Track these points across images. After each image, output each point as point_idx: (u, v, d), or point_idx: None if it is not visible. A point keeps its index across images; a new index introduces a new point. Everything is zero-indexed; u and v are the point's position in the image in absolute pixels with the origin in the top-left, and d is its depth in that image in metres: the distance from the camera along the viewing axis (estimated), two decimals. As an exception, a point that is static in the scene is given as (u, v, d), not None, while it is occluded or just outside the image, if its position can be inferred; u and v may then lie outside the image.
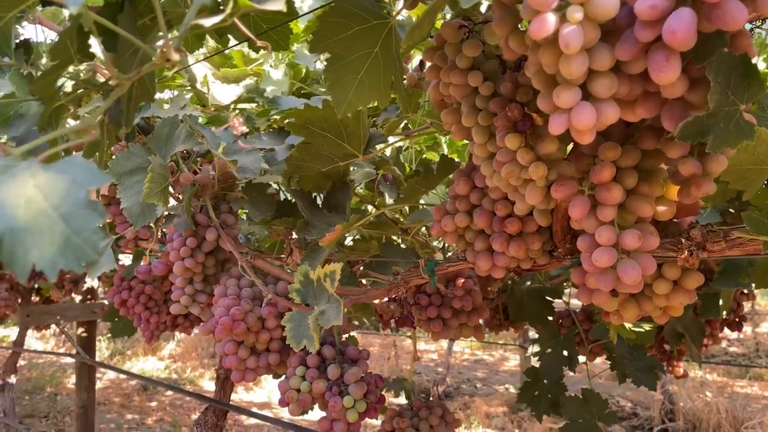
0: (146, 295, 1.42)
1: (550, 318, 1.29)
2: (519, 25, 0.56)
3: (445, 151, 1.45)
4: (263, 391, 6.18)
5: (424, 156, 1.43)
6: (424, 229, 1.41)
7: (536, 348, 1.27)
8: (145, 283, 1.43)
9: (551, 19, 0.44)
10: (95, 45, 0.52)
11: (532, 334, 6.48)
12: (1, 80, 1.06)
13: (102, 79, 1.11)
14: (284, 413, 5.37)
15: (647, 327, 1.11)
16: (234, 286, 1.03)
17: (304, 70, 1.29)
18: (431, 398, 1.17)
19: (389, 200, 1.32)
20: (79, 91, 0.87)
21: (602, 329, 1.22)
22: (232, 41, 1.10)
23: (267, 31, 0.80)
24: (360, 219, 0.97)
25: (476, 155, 0.73)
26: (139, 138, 1.02)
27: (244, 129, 0.83)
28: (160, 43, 0.78)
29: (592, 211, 0.64)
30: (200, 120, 1.23)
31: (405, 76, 0.88)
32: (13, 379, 3.51)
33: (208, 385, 6.60)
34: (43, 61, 1.22)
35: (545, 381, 1.24)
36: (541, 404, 1.23)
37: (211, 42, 1.26)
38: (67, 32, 0.50)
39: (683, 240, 0.72)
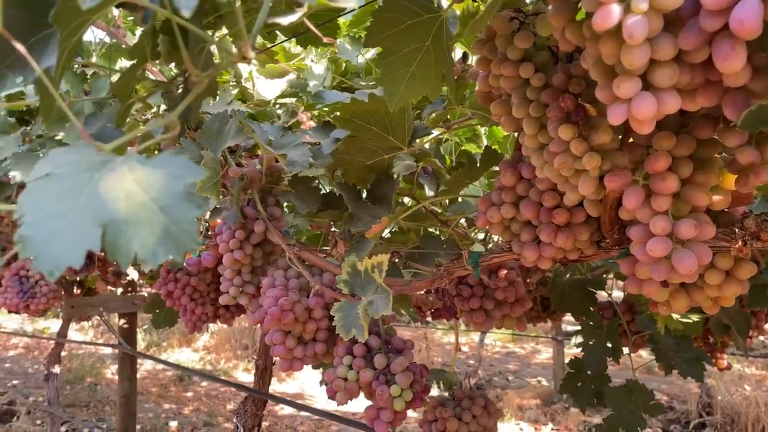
0: (191, 286, 1.46)
1: (592, 309, 1.29)
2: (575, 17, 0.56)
3: (485, 142, 1.45)
4: (296, 382, 6.26)
5: (463, 148, 1.44)
6: (463, 220, 1.42)
7: (579, 339, 1.27)
8: (190, 275, 1.46)
9: (616, 9, 0.44)
10: (163, 44, 0.55)
11: (564, 326, 6.43)
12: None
13: (152, 77, 1.14)
14: (316, 404, 5.44)
15: (695, 318, 1.10)
16: (281, 278, 1.05)
17: (344, 65, 1.30)
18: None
19: (429, 192, 1.33)
20: (131, 89, 0.90)
21: (647, 320, 1.21)
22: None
23: (318, 26, 0.81)
24: (405, 211, 0.98)
25: (526, 146, 0.73)
26: (189, 133, 1.05)
27: (312, 123, 0.85)
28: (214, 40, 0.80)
29: (647, 201, 0.64)
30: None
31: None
32: (57, 369, 3.61)
33: (242, 376, 6.71)
34: (93, 59, 1.26)
35: (588, 372, 1.24)
36: (585, 395, 1.23)
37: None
38: (145, 33, 0.52)
39: (736, 230, 0.71)
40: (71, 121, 1.00)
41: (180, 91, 0.69)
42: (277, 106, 1.43)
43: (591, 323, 1.25)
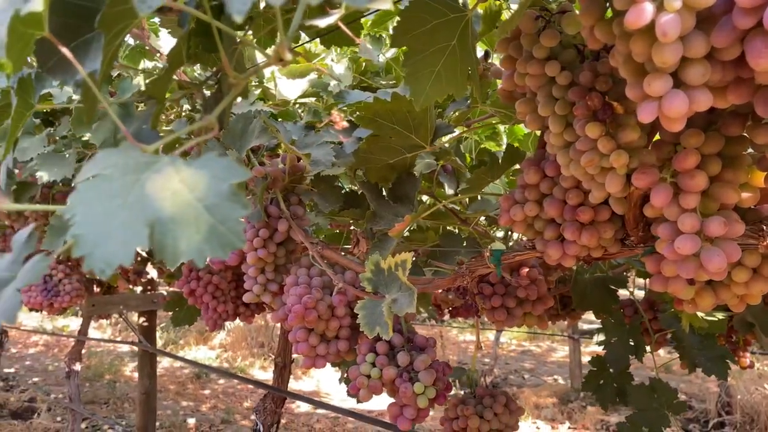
0: (213, 284, 1.47)
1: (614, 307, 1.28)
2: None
3: (504, 141, 1.45)
4: (312, 380, 6.29)
5: (483, 146, 1.44)
6: (483, 218, 1.42)
7: (601, 337, 1.27)
8: (212, 274, 1.48)
9: (649, 8, 0.44)
10: (195, 46, 0.56)
11: (580, 325, 6.39)
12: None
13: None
14: (332, 402, 5.45)
15: (720, 316, 1.10)
16: (304, 276, 1.06)
17: (363, 64, 1.31)
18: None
19: (449, 191, 1.33)
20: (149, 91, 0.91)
21: (671, 319, 1.21)
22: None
23: (348, 24, 0.82)
24: (427, 209, 0.98)
25: (552, 144, 0.73)
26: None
27: (345, 124, 0.86)
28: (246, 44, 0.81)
29: (675, 199, 0.64)
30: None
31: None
32: (78, 367, 3.66)
33: (258, 374, 6.75)
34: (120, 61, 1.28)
35: (611, 370, 1.24)
36: (607, 393, 1.23)
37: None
38: (183, 37, 0.53)
39: (764, 227, 0.71)
40: (98, 122, 1.01)
41: (212, 92, 0.70)
42: (297, 105, 1.44)
43: (613, 321, 1.25)
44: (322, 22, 0.40)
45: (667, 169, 0.65)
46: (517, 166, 1.13)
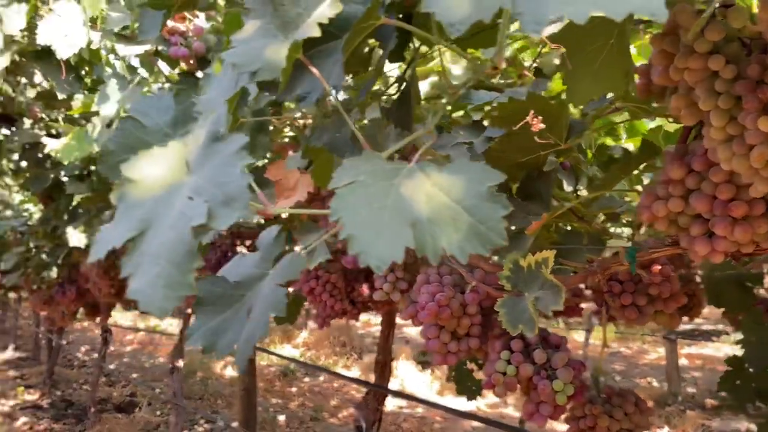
0: (331, 283, 1.53)
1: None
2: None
3: (623, 136, 1.43)
4: (396, 380, 6.35)
5: (600, 141, 1.42)
6: (602, 215, 1.40)
7: (739, 336, 1.22)
8: (330, 272, 1.54)
9: None
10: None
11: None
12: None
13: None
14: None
15: None
16: (435, 274, 1.09)
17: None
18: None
19: (567, 188, 1.32)
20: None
21: (817, 317, 1.15)
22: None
23: (481, 32, 0.84)
24: (561, 208, 0.99)
25: (712, 139, 0.72)
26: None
27: (542, 126, 0.88)
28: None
29: None
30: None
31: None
32: (181, 363, 3.86)
33: (342, 373, 6.88)
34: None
35: (750, 370, 1.19)
36: (745, 393, 1.19)
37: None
38: (390, 53, 0.57)
39: None
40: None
41: (396, 98, 0.74)
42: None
43: (752, 319, 1.20)
44: (538, 34, 0.42)
45: None
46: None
